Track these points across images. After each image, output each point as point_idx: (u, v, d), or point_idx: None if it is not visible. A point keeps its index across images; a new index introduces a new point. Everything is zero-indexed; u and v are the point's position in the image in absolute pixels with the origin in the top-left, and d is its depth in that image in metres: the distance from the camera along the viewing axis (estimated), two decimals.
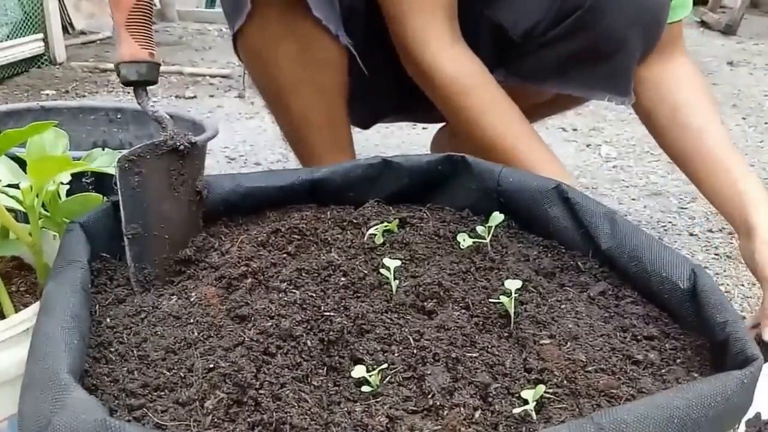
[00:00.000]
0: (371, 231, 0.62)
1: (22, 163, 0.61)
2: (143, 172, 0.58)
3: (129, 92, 2.43)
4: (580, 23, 0.93)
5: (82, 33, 3.44)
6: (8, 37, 2.48)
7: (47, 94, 2.32)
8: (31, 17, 2.63)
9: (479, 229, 0.61)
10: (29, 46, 2.58)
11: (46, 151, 0.57)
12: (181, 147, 0.60)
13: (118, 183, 0.57)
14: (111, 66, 2.72)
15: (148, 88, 0.62)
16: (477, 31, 1.03)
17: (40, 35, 2.65)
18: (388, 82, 1.03)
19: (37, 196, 0.55)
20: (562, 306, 0.54)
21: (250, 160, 1.73)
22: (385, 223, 0.62)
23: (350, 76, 0.97)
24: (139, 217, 0.58)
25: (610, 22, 0.92)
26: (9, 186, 0.58)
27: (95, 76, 2.62)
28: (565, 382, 0.46)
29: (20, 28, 2.56)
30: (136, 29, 0.59)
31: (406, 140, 1.91)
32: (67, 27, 3.26)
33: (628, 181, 1.67)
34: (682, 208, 1.48)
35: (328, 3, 0.88)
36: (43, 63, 2.68)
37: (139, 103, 0.62)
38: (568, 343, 0.49)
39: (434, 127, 1.60)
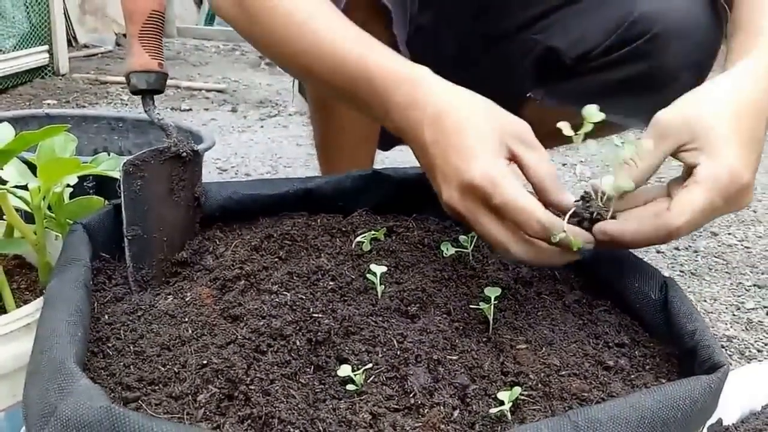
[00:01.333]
0: (359, 239, 0.64)
1: (29, 166, 0.63)
2: (146, 176, 0.61)
3: (127, 103, 2.47)
4: (640, 52, 0.93)
5: (85, 46, 3.49)
6: (15, 48, 2.52)
7: (49, 104, 2.35)
8: (37, 29, 2.67)
9: (462, 238, 0.64)
10: (34, 57, 2.62)
11: (56, 154, 0.60)
12: (184, 154, 0.63)
13: (121, 186, 0.59)
14: (111, 78, 2.76)
15: (154, 96, 0.65)
16: (521, 54, 1.04)
17: (46, 47, 2.69)
18: None
19: (44, 197, 0.58)
20: (539, 313, 0.56)
21: (241, 171, 1.76)
22: (373, 232, 0.65)
23: None
24: (139, 219, 0.60)
25: (670, 55, 0.91)
26: (17, 187, 0.60)
27: (95, 87, 2.66)
28: (539, 385, 0.48)
29: (27, 40, 2.60)
30: (148, 41, 0.62)
31: (407, 160, 1.94)
32: (71, 40, 3.30)
33: None
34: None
35: (404, 21, 0.86)
36: (46, 74, 2.72)
37: (145, 111, 0.65)
38: (543, 348, 0.52)
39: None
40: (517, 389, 0.46)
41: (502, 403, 0.45)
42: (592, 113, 0.55)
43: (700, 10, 0.92)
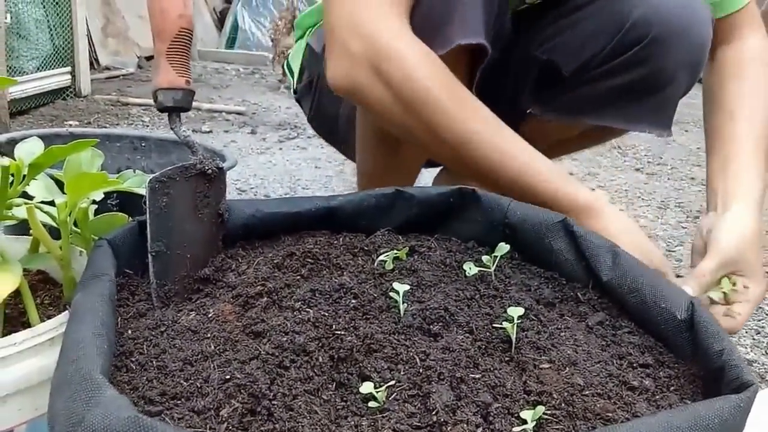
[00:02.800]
0: (381, 257, 0.64)
1: (56, 183, 0.65)
2: (171, 193, 0.61)
3: (148, 125, 2.51)
4: (637, 58, 0.94)
5: (107, 68, 3.56)
6: (38, 69, 2.58)
7: (71, 125, 2.40)
8: (60, 51, 2.74)
9: (484, 258, 0.64)
10: (57, 78, 2.68)
11: (83, 169, 0.61)
12: (209, 171, 0.64)
13: (147, 202, 0.60)
14: (132, 100, 2.82)
15: (181, 114, 0.66)
16: (521, 71, 1.05)
17: (68, 69, 2.76)
18: None
19: (71, 212, 0.59)
20: (562, 334, 0.56)
21: (260, 193, 1.78)
22: (395, 251, 0.65)
23: None
24: (163, 235, 0.61)
25: (669, 57, 0.93)
26: (43, 202, 0.61)
27: (117, 109, 2.71)
28: (563, 404, 0.48)
29: (49, 62, 2.67)
30: (175, 58, 0.63)
31: (420, 181, 1.95)
32: (93, 62, 3.38)
33: None
34: (669, 251, 1.52)
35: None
36: (68, 95, 2.78)
37: (172, 128, 0.65)
38: (567, 368, 0.52)
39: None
40: (541, 408, 0.46)
41: (525, 422, 0.45)
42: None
43: (695, 6, 0.94)
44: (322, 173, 1.99)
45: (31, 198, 0.62)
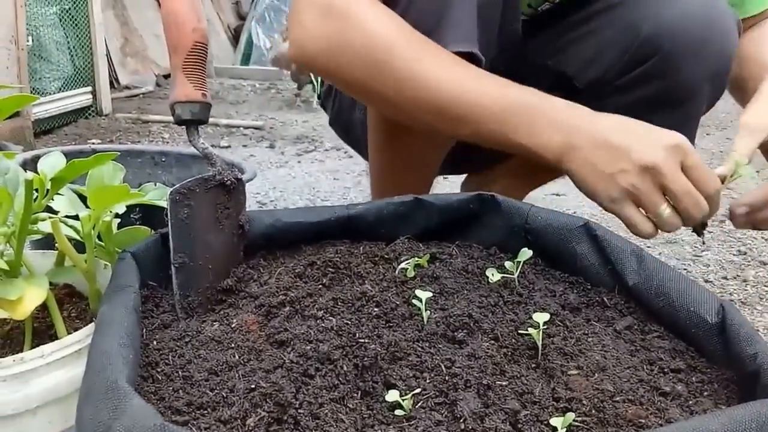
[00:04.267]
0: (402, 265, 0.64)
1: (79, 198, 0.65)
2: (192, 204, 0.61)
3: (168, 141, 2.54)
4: (653, 71, 0.91)
5: (127, 87, 3.62)
6: (60, 89, 2.63)
7: (93, 143, 2.44)
8: (81, 72, 2.79)
9: (507, 264, 0.63)
10: (79, 98, 2.74)
11: (105, 183, 0.61)
12: (228, 182, 0.64)
13: (168, 214, 0.60)
14: (152, 117, 2.85)
15: (199, 127, 0.66)
16: (533, 81, 1.04)
17: (89, 88, 2.81)
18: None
19: (94, 225, 0.59)
20: (589, 339, 0.55)
21: (280, 205, 1.79)
22: (416, 258, 0.65)
23: None
24: (186, 247, 0.61)
25: (685, 71, 0.90)
26: (67, 216, 0.62)
27: (138, 126, 2.75)
28: (593, 411, 0.47)
29: (71, 82, 2.72)
30: (192, 71, 0.63)
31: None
32: (113, 81, 3.44)
33: None
34: (696, 256, 1.49)
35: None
36: (90, 114, 2.83)
37: (190, 141, 0.66)
38: (596, 374, 0.51)
39: (453, 178, 1.63)
40: (571, 415, 0.45)
41: (554, 429, 0.44)
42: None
43: (717, 13, 0.90)
44: (340, 185, 2.00)
45: (55, 213, 0.63)
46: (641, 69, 0.92)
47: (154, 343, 0.55)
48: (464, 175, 1.43)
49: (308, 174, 2.14)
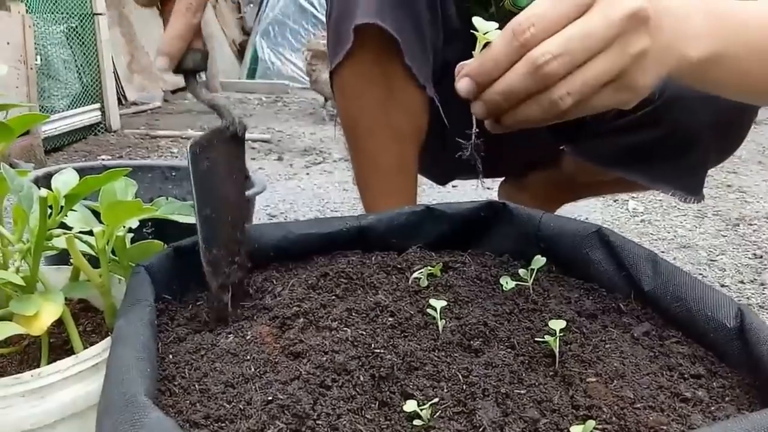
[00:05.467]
0: (416, 274, 0.64)
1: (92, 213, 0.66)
2: (211, 156, 0.60)
3: (177, 156, 2.56)
4: (650, 118, 0.89)
5: (134, 104, 3.65)
6: (68, 107, 2.66)
7: (103, 159, 2.45)
8: (88, 89, 2.82)
9: (521, 272, 0.63)
10: (87, 115, 2.76)
11: (118, 198, 0.62)
12: (240, 132, 0.63)
13: (190, 168, 0.58)
14: (161, 133, 2.88)
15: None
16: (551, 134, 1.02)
17: (97, 105, 2.84)
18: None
19: (108, 240, 0.60)
20: (607, 346, 0.54)
21: (290, 217, 1.80)
22: (429, 268, 0.65)
23: (432, 132, 0.97)
24: (208, 199, 0.60)
25: (681, 120, 0.88)
26: (81, 232, 0.62)
27: (146, 142, 2.77)
28: (614, 418, 0.46)
29: (79, 100, 2.75)
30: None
31: (437, 197, 1.95)
32: (121, 98, 3.47)
33: (656, 234, 1.68)
34: (711, 260, 1.48)
35: (422, 54, 0.88)
36: (99, 131, 2.85)
37: (192, 92, 0.64)
38: (615, 381, 0.50)
39: (462, 187, 1.62)
40: (591, 423, 0.44)
41: None
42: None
43: None
44: (350, 195, 2.00)
45: (69, 229, 0.63)
46: (638, 114, 0.90)
47: (170, 356, 0.55)
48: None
49: (317, 186, 2.15)
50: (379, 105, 0.91)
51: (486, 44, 0.51)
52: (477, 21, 0.52)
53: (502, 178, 1.39)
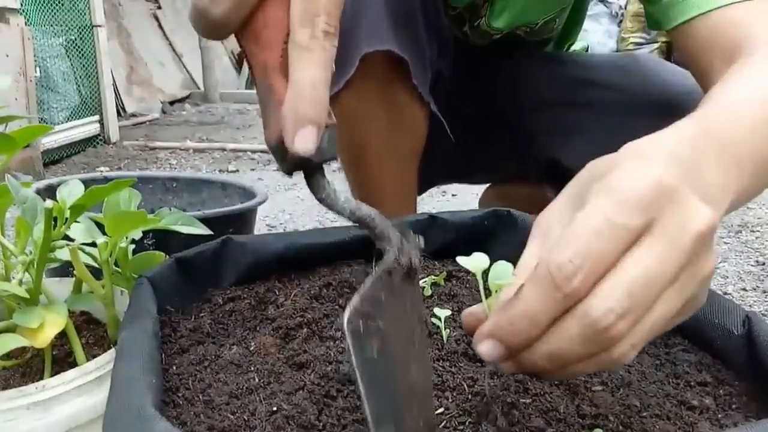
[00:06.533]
0: (419, 284, 0.64)
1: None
2: (381, 326, 0.37)
3: (176, 167, 2.56)
4: None
5: (133, 115, 3.66)
6: (67, 119, 2.66)
7: (102, 171, 2.46)
8: (87, 102, 2.83)
9: None
10: (86, 127, 2.77)
11: (122, 209, 0.62)
12: (415, 263, 0.40)
13: (352, 355, 0.36)
14: (159, 144, 2.88)
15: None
16: (532, 154, 1.05)
17: (96, 117, 2.85)
18: (449, 147, 1.00)
19: (111, 252, 0.60)
20: None
21: (290, 227, 1.80)
22: (432, 276, 0.65)
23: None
24: (386, 404, 0.38)
25: None
26: (84, 244, 0.62)
27: (145, 153, 2.78)
28: (620, 427, 0.46)
29: (78, 112, 2.76)
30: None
31: (437, 206, 1.95)
32: (119, 110, 3.48)
33: None
34: (714, 267, 1.48)
35: (423, 71, 0.88)
36: (98, 143, 2.86)
37: (319, 199, 0.43)
38: (621, 390, 0.50)
39: (463, 196, 1.62)
40: (599, 431, 0.44)
41: None
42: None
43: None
44: None
45: (71, 241, 0.63)
46: None
47: (174, 368, 0.55)
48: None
49: None
50: (386, 129, 0.91)
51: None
52: (471, 262, 0.41)
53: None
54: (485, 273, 0.40)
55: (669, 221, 0.35)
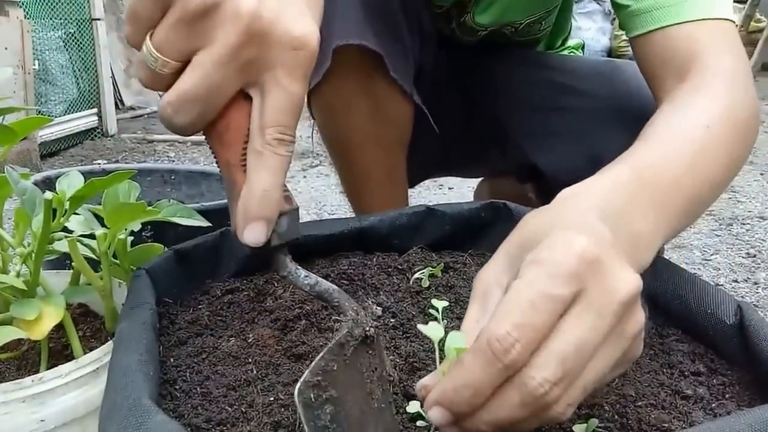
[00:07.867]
0: (417, 275, 0.64)
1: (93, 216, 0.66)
2: (333, 395, 0.38)
3: (174, 160, 2.56)
4: None
5: (131, 108, 3.66)
6: (65, 112, 2.66)
7: (100, 163, 2.45)
8: (86, 94, 2.82)
9: None
10: (84, 120, 2.76)
11: (121, 201, 0.62)
12: (370, 332, 0.42)
13: (305, 425, 0.37)
14: (157, 137, 2.88)
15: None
16: (512, 155, 1.05)
17: (95, 110, 2.84)
18: (437, 140, 1.01)
19: (110, 244, 0.60)
20: None
21: None
22: (430, 268, 0.65)
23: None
24: None
25: None
26: (82, 236, 0.62)
27: (143, 146, 2.77)
28: (616, 416, 0.47)
29: (76, 105, 2.75)
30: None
31: (434, 199, 1.95)
32: (117, 103, 3.47)
33: None
34: (706, 260, 1.49)
35: (404, 63, 0.88)
36: (96, 135, 2.85)
37: (282, 276, 0.46)
38: (616, 379, 0.50)
39: (459, 189, 1.63)
40: (594, 421, 0.45)
41: None
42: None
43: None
44: (347, 198, 2.00)
45: (69, 233, 0.63)
46: None
47: (171, 360, 0.55)
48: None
49: (314, 189, 2.15)
50: (367, 119, 0.91)
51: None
52: (429, 330, 0.41)
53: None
54: (441, 341, 0.41)
55: (594, 291, 0.38)
